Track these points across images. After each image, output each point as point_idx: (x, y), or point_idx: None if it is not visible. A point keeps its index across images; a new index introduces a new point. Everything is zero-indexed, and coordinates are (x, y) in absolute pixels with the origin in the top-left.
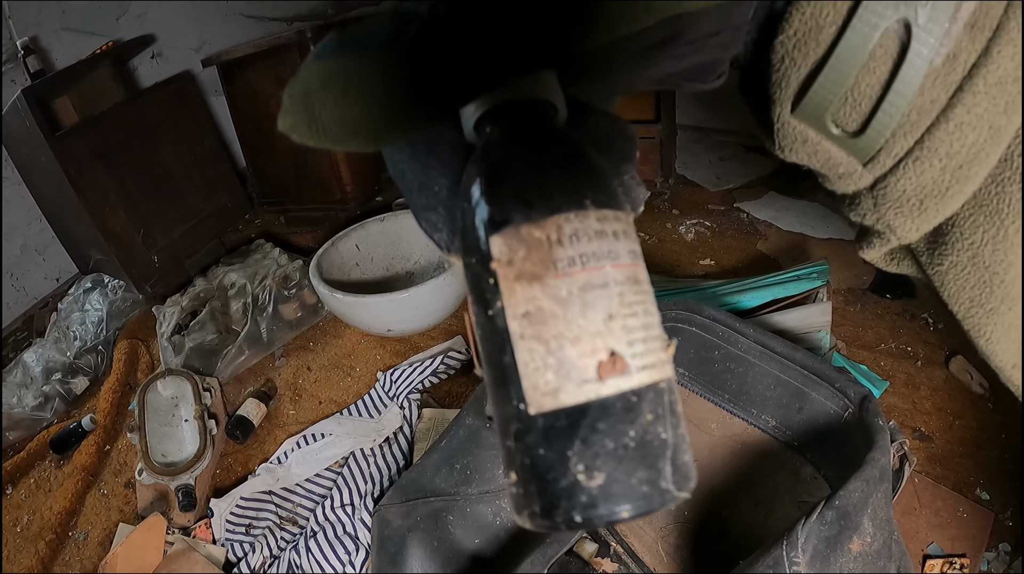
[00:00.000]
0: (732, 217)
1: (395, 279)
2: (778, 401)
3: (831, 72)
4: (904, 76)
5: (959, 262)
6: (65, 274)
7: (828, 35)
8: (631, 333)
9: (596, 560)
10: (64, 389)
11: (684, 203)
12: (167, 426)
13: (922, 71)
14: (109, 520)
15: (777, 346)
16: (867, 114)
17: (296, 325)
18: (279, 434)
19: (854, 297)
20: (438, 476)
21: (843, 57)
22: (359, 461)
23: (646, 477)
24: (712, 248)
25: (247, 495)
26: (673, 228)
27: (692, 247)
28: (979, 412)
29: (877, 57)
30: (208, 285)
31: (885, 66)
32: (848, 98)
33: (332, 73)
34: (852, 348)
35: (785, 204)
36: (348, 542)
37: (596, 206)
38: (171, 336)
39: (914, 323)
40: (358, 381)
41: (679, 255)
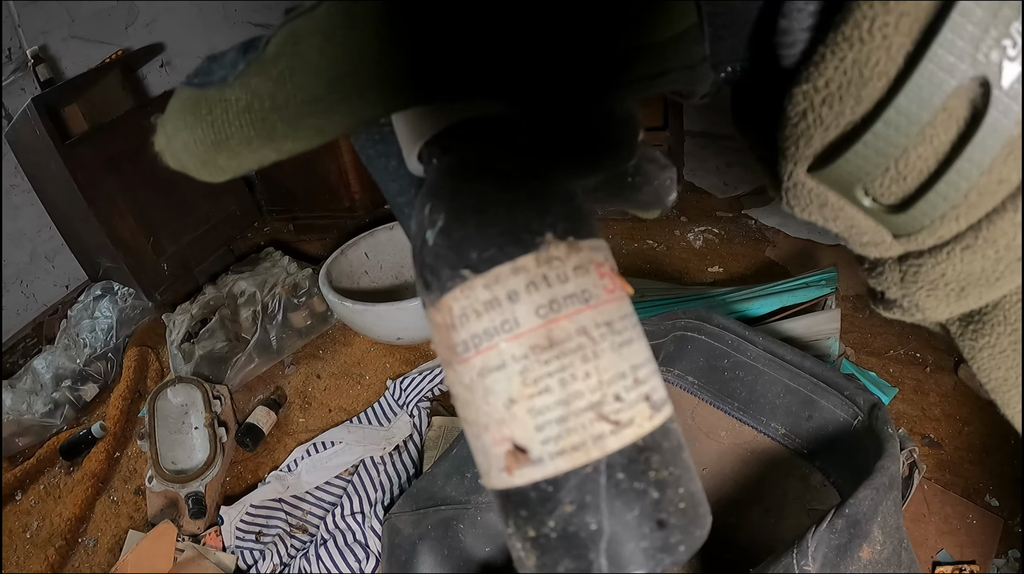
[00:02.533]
0: (740, 224)
1: (404, 287)
2: (787, 409)
3: (874, 139)
4: (972, 150)
5: (998, 344)
6: (75, 281)
7: (876, 91)
8: (539, 415)
9: None
10: (74, 396)
11: (692, 210)
12: (177, 433)
13: (997, 146)
14: (119, 527)
15: (786, 354)
16: (913, 190)
17: (305, 333)
18: (289, 442)
19: (862, 303)
20: (449, 484)
21: (894, 122)
22: (369, 469)
23: (573, 567)
24: (720, 255)
25: (257, 503)
26: (681, 235)
27: (700, 254)
28: (988, 418)
29: (938, 123)
30: (218, 293)
31: (947, 135)
32: (891, 169)
33: (182, 100)
34: (861, 355)
35: None
36: (358, 550)
37: (483, 267)
38: (181, 343)
39: (922, 329)
40: (368, 389)
41: (687, 262)
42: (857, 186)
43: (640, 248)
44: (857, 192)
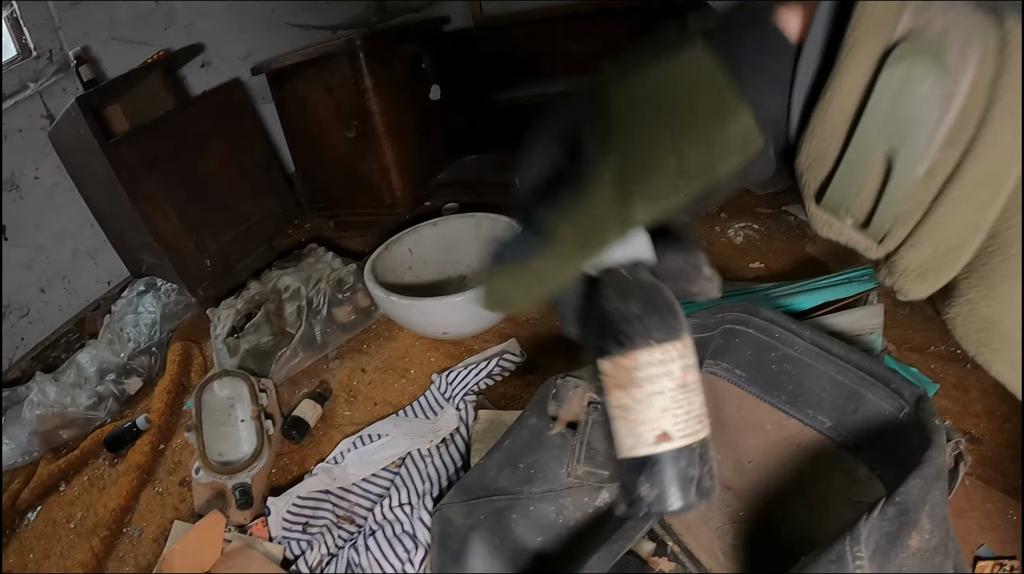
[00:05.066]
0: (780, 220)
1: (448, 283)
2: (834, 402)
3: (838, 183)
4: (892, 189)
5: (961, 313)
6: (116, 277)
7: (830, 161)
8: (676, 419)
9: (654, 559)
10: (118, 389)
11: (731, 206)
12: (223, 426)
13: (907, 184)
14: (164, 518)
15: (833, 347)
16: (869, 211)
17: (349, 328)
18: (335, 435)
19: (902, 300)
20: (501, 475)
21: (844, 176)
22: (416, 461)
23: (681, 493)
24: (761, 251)
25: (304, 494)
26: (722, 231)
27: (741, 250)
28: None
29: (870, 175)
30: (262, 288)
31: (877, 179)
32: (855, 199)
33: (503, 277)
34: (902, 351)
35: None
36: (407, 541)
37: (659, 343)
38: (226, 338)
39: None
40: (413, 383)
41: (729, 258)
42: (842, 210)
43: None
44: (843, 215)
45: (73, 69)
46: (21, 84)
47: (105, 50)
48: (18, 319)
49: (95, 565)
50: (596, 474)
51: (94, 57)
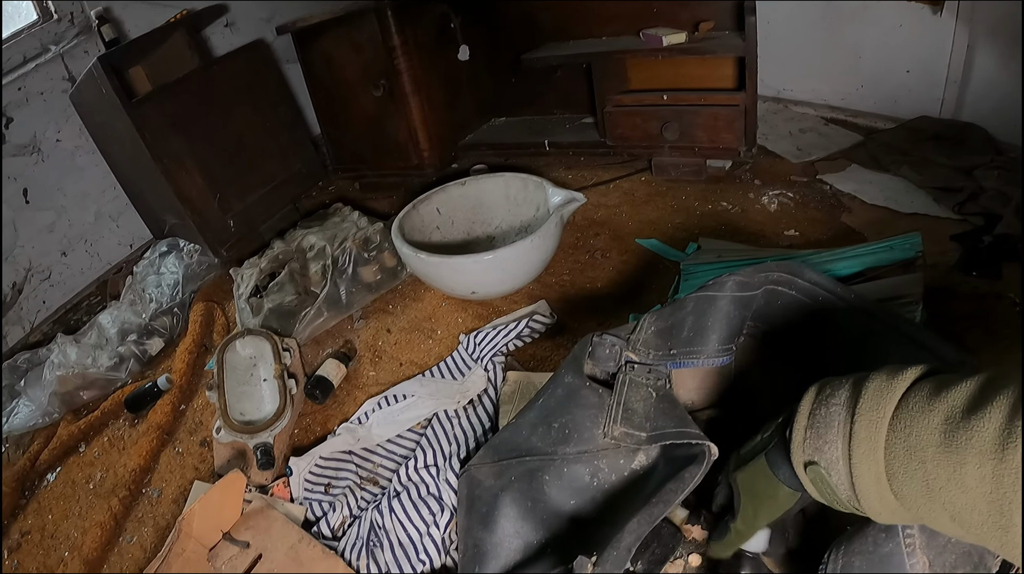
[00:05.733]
0: (815, 189)
1: (476, 243)
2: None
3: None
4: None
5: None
6: (139, 240)
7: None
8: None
9: (687, 526)
10: (139, 350)
11: (765, 174)
12: (245, 385)
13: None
14: (184, 478)
15: (878, 313)
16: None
17: (375, 288)
18: (359, 395)
19: (940, 274)
20: (534, 435)
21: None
22: (443, 422)
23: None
24: (796, 219)
25: (327, 454)
26: (756, 198)
27: (775, 218)
28: None
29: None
30: (287, 247)
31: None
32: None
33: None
34: (938, 324)
35: (868, 177)
36: (432, 503)
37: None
38: (249, 297)
39: (1000, 303)
40: (439, 343)
41: (763, 225)
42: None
43: (714, 210)
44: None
45: (95, 29)
46: (42, 47)
47: (127, 10)
48: (40, 282)
49: (114, 525)
50: (633, 435)
51: (116, 18)
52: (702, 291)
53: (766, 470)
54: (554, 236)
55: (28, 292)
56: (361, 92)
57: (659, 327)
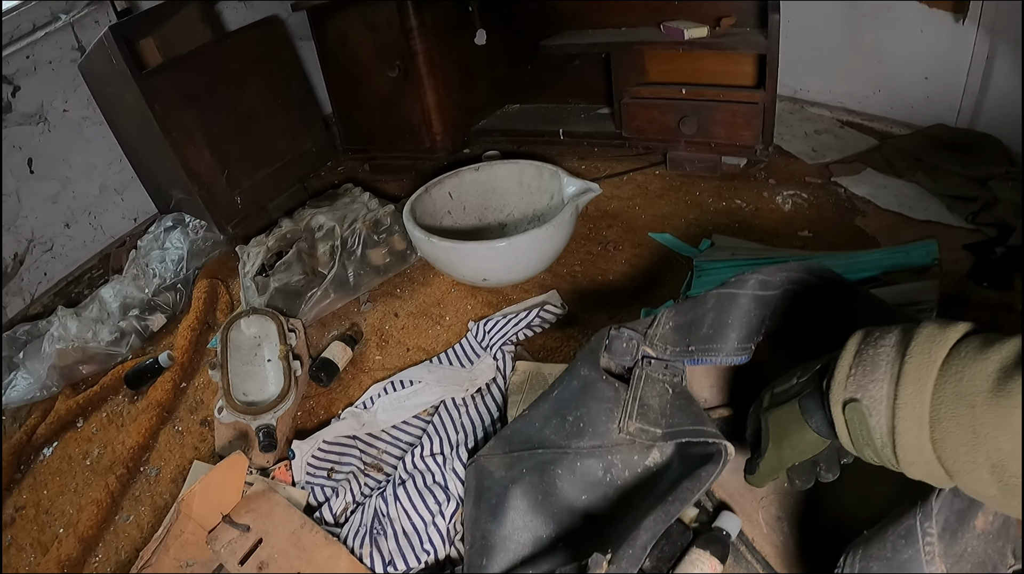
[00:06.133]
0: (829, 191)
1: (487, 230)
2: None
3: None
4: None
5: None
6: (143, 214)
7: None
8: None
9: (695, 525)
10: (140, 325)
11: (780, 173)
12: (249, 365)
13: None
14: (183, 457)
15: (893, 317)
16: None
17: (383, 271)
18: (364, 379)
19: (952, 283)
20: (547, 427)
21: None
22: (450, 410)
23: None
24: (809, 220)
25: (330, 439)
26: (770, 198)
27: (789, 218)
28: None
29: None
30: (295, 226)
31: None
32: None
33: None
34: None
35: (883, 182)
36: (438, 492)
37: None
38: (255, 276)
39: (1011, 314)
40: (448, 330)
41: (777, 225)
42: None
43: (728, 207)
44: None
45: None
46: (52, 15)
47: None
48: (42, 254)
49: (110, 503)
50: (648, 431)
51: None
52: (723, 288)
53: (798, 415)
54: (568, 226)
55: (30, 263)
56: (375, 72)
57: (677, 322)
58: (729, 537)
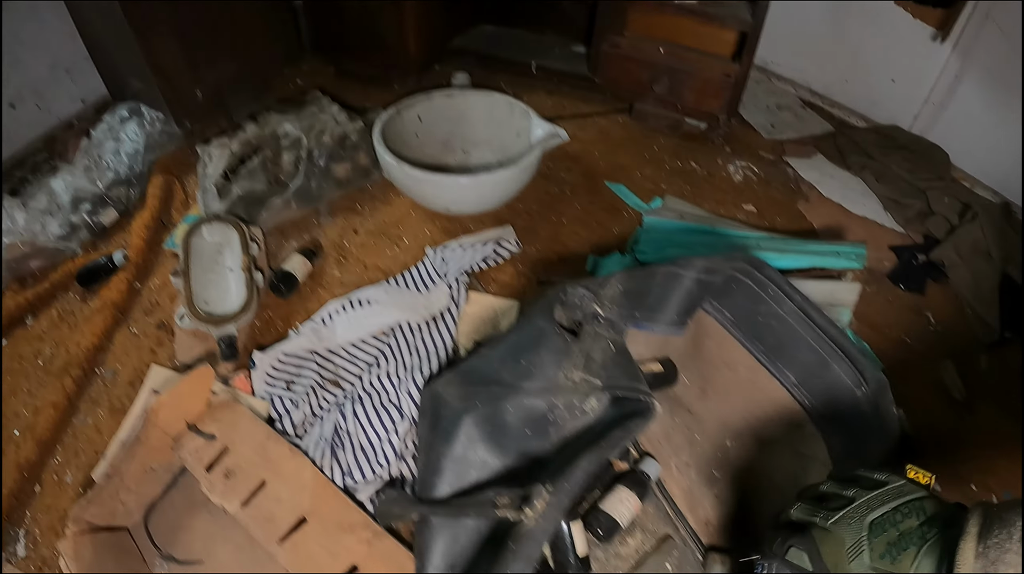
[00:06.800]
0: (779, 169)
1: (451, 155)
2: (804, 364)
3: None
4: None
5: None
6: (93, 95)
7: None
8: None
9: (616, 462)
10: (92, 220)
11: (737, 143)
12: (210, 273)
13: None
14: (140, 360)
15: (816, 316)
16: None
17: (345, 185)
18: (322, 294)
19: (872, 278)
20: (503, 367)
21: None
22: (405, 334)
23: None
24: (756, 195)
25: (289, 351)
26: (723, 165)
27: (738, 189)
28: (952, 418)
29: None
30: (260, 132)
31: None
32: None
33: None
34: (861, 326)
35: (831, 171)
36: (393, 411)
37: None
38: (217, 179)
39: (919, 319)
40: (405, 252)
41: (725, 194)
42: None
43: (683, 168)
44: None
45: None
46: None
47: None
48: None
49: (67, 405)
50: (589, 381)
51: None
52: (673, 267)
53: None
54: (532, 168)
55: None
56: None
57: (627, 288)
58: (650, 479)
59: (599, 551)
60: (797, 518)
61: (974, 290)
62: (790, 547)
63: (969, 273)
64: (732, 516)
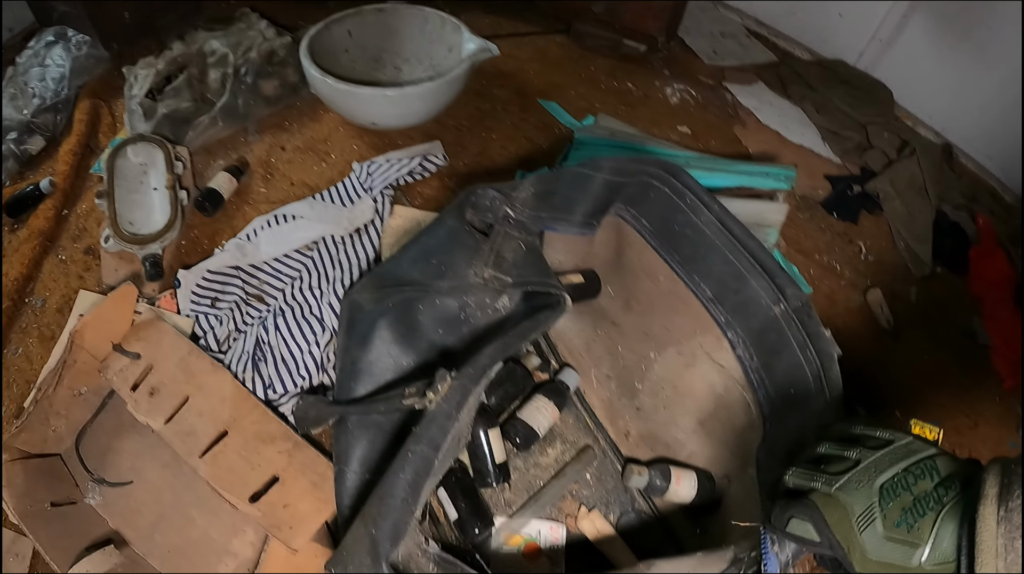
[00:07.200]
0: (718, 94)
1: (382, 71)
2: (720, 278)
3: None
4: None
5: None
6: (20, 25)
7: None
8: None
9: (537, 372)
10: (19, 149)
11: (676, 66)
12: (135, 194)
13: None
14: (68, 287)
15: (735, 228)
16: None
17: (274, 102)
18: (248, 211)
19: (805, 205)
20: (414, 268)
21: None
22: (329, 247)
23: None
24: (692, 118)
25: (214, 269)
26: (660, 87)
27: (673, 111)
28: (878, 343)
29: None
30: (187, 50)
31: None
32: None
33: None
34: (791, 250)
35: (771, 99)
36: (315, 323)
37: None
38: (142, 99)
39: (849, 247)
40: (332, 168)
41: (660, 115)
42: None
43: (619, 89)
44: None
45: None
46: None
47: None
48: None
49: None
50: (500, 279)
51: None
52: (581, 167)
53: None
54: (461, 82)
55: None
56: None
57: (538, 190)
58: (568, 389)
59: (519, 461)
60: (795, 485)
61: (908, 224)
62: (790, 518)
63: (904, 207)
64: (653, 428)
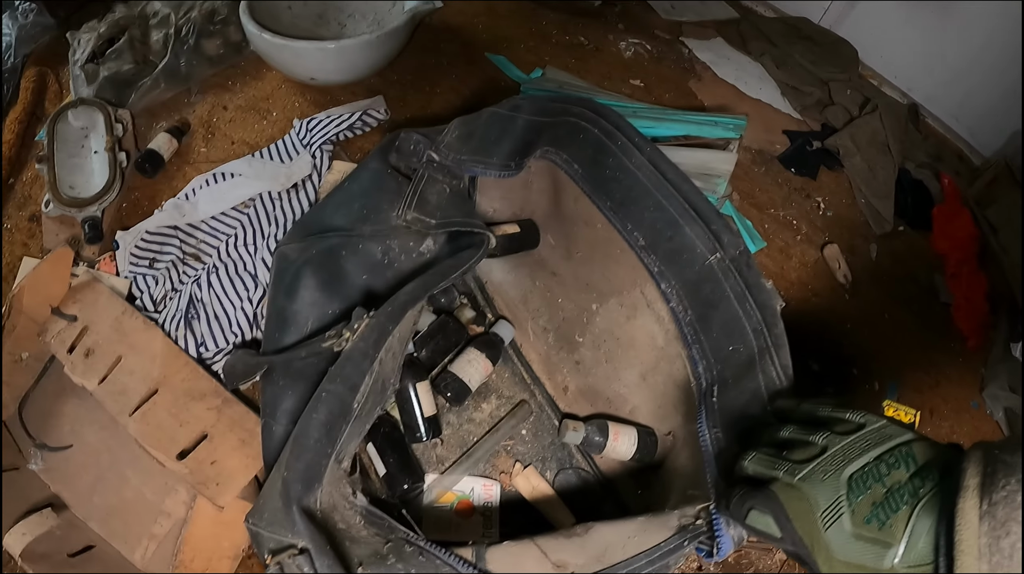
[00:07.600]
0: (674, 49)
1: (326, 27)
2: (652, 224)
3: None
4: None
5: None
6: None
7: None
8: None
9: (472, 326)
10: None
11: (631, 20)
12: (76, 158)
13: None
14: (13, 255)
15: (668, 172)
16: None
17: (216, 62)
18: (189, 171)
19: (761, 160)
20: (338, 214)
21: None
22: (265, 203)
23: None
24: (645, 72)
25: (152, 229)
26: (614, 41)
27: (626, 65)
28: (835, 298)
29: None
30: (129, 12)
31: None
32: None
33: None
34: (745, 203)
35: (728, 54)
36: (247, 279)
37: None
38: (85, 64)
39: (807, 202)
40: (273, 126)
41: (612, 69)
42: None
43: (571, 42)
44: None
45: None
46: None
47: None
48: None
49: None
50: (423, 221)
51: None
52: (500, 108)
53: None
54: (402, 35)
55: None
56: None
57: (460, 133)
58: (503, 342)
59: (452, 416)
60: (754, 472)
61: (869, 180)
62: (750, 510)
63: (865, 163)
64: (593, 383)
